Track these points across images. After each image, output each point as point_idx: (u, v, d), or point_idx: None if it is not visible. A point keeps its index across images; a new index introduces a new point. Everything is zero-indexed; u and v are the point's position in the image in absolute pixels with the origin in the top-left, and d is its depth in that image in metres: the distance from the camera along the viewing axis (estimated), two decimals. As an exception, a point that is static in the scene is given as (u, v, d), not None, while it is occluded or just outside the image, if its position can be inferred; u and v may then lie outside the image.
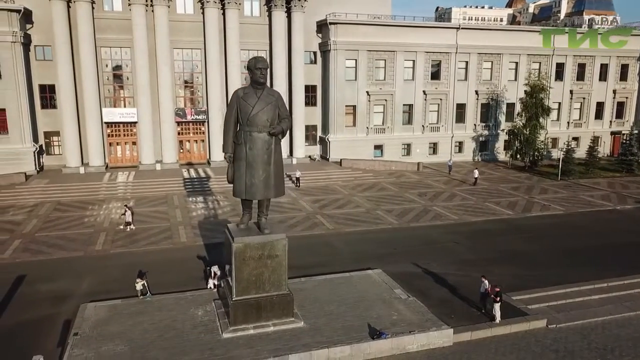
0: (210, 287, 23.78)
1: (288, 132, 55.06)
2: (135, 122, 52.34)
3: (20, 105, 47.52)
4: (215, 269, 24.04)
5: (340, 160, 55.20)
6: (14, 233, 33.18)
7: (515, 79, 62.23)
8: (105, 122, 52.00)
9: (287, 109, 20.56)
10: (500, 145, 62.90)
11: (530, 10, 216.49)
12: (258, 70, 18.91)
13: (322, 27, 56.21)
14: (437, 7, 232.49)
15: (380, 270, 26.49)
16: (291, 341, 19.44)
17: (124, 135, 53.77)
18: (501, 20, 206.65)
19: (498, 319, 21.62)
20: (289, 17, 54.76)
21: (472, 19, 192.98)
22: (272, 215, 36.82)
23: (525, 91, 57.57)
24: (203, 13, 52.07)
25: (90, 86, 49.45)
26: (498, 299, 21.52)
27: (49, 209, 38.81)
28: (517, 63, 62.28)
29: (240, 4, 52.81)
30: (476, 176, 48.90)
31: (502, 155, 62.33)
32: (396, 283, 24.94)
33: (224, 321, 20.45)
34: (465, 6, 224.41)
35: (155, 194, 43.48)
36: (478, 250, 30.61)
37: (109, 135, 53.16)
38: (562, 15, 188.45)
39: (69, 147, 50.09)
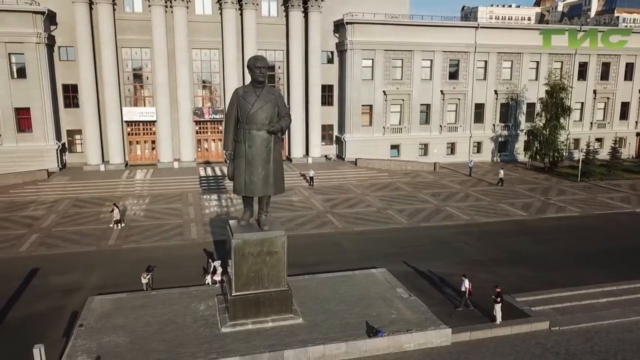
0: (208, 283, 24.12)
1: (305, 131, 56.06)
2: (155, 121, 53.36)
3: (44, 104, 48.95)
4: (217, 264, 24.44)
5: (356, 159, 55.23)
6: (32, 227, 34.30)
7: (536, 79, 61.16)
8: (126, 121, 53.17)
9: (287, 107, 20.77)
10: (520, 145, 61.89)
11: (560, 8, 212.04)
12: (257, 69, 19.18)
13: (339, 26, 56.33)
14: (463, 7, 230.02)
15: (385, 270, 26.49)
16: (288, 337, 19.66)
17: (144, 133, 54.89)
18: (529, 19, 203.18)
19: (499, 319, 21.44)
20: (306, 17, 55.05)
21: (498, 18, 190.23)
22: (283, 213, 37.53)
23: (546, 91, 56.54)
24: (221, 13, 52.74)
25: (111, 86, 50.67)
26: (499, 299, 21.33)
27: (67, 205, 39.95)
28: (538, 62, 61.20)
29: (257, 4, 53.35)
30: (501, 176, 48.44)
31: (521, 156, 61.27)
32: (399, 282, 24.93)
33: (224, 316, 20.79)
34: (491, 5, 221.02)
35: (171, 191, 44.29)
36: (486, 251, 30.34)
37: (129, 134, 54.34)
38: (592, 14, 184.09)
39: (90, 145, 51.41)
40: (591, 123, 64.78)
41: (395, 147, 58.64)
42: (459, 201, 42.14)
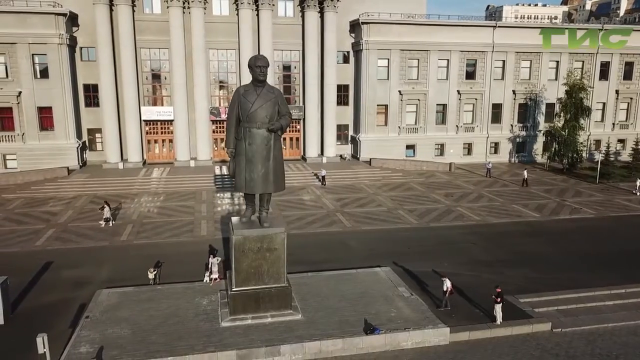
0: (206, 281, 24.33)
1: (320, 130, 56.21)
2: (172, 120, 54.29)
3: (65, 103, 50.29)
4: (214, 261, 24.70)
5: (370, 159, 55.23)
6: (50, 222, 35.36)
7: (556, 79, 60.16)
8: (144, 120, 54.21)
9: (288, 106, 21.01)
10: (538, 146, 60.96)
11: (587, 7, 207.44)
12: (258, 68, 19.52)
13: (355, 26, 56.41)
14: (488, 6, 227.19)
15: (389, 269, 26.57)
16: (285, 332, 19.95)
17: (162, 132, 55.89)
18: (555, 18, 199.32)
19: (499, 320, 21.32)
20: (322, 17, 55.29)
21: (524, 17, 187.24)
22: (293, 211, 37.88)
23: (565, 91, 55.57)
24: (238, 14, 53.36)
25: (130, 85, 51.77)
26: (499, 299, 21.22)
27: (85, 202, 41.02)
28: (558, 62, 60.19)
29: (273, 4, 53.82)
30: (525, 177, 48.01)
31: (540, 157, 60.39)
32: (402, 281, 24.99)
33: (225, 311, 21.18)
34: (517, 4, 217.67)
35: (185, 189, 45.05)
36: (494, 252, 30.10)
37: (147, 133, 55.40)
38: (621, 12, 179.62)
39: (109, 144, 52.61)
40: (613, 124, 63.41)
41: (410, 147, 58.41)
42: (472, 202, 41.81)
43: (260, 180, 19.82)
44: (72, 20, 50.88)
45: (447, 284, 22.39)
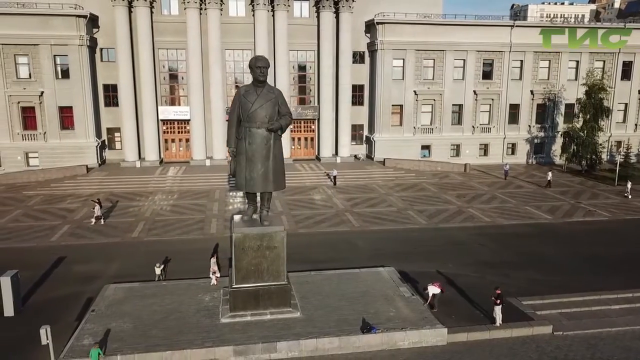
0: (213, 284, 24.53)
1: (334, 131, 56.31)
2: (189, 120, 55.15)
3: (85, 103, 51.61)
4: (212, 261, 24.95)
5: (384, 159, 55.18)
6: (66, 219, 36.39)
7: (576, 79, 59.08)
8: (161, 120, 55.22)
9: (288, 106, 21.27)
10: (557, 147, 59.82)
11: (616, 5, 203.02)
12: (258, 69, 19.82)
13: (370, 26, 56.41)
14: (513, 5, 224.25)
15: (392, 269, 26.58)
16: (283, 330, 20.20)
17: (178, 132, 56.82)
18: (583, 17, 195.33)
19: (498, 321, 21.20)
20: (337, 17, 55.46)
21: (549, 16, 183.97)
22: (302, 211, 38.17)
23: (585, 91, 54.57)
24: (253, 15, 53.92)
25: (148, 86, 52.81)
26: (498, 301, 21.10)
27: (101, 199, 41.86)
28: (577, 62, 59.14)
29: (289, 5, 54.22)
30: (550, 178, 47.59)
31: (558, 159, 59.35)
32: (404, 281, 24.99)
33: (225, 307, 21.52)
34: (543, 3, 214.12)
35: (199, 188, 45.75)
36: (501, 253, 29.86)
37: (164, 132, 56.39)
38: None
39: (127, 143, 53.76)
40: (636, 125, 62.02)
41: (426, 147, 58.14)
42: (484, 203, 41.47)
43: (260, 179, 20.11)
44: (92, 22, 52.13)
45: (432, 291, 22.21)
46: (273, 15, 54.30)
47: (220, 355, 18.93)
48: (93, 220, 35.31)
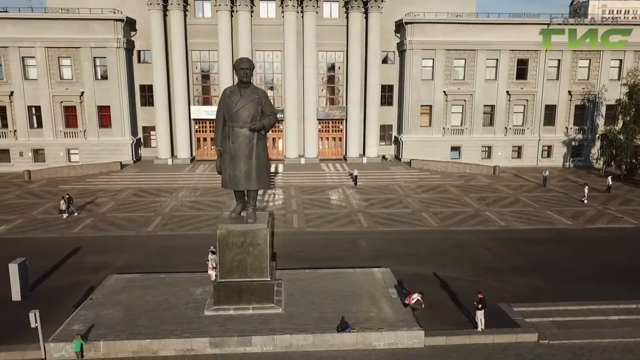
0: (214, 280, 25.19)
1: (362, 131, 56.29)
2: (219, 119, 56.58)
3: (122, 103, 54.20)
4: (212, 257, 25.66)
5: (410, 160, 54.64)
6: (91, 212, 38.50)
7: (618, 78, 56.22)
8: (193, 119, 57.11)
9: (273, 106, 21.73)
10: (596, 151, 57.18)
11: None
12: (242, 70, 20.45)
13: (400, 26, 55.97)
14: (572, 1, 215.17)
15: (388, 270, 26.51)
16: (262, 324, 20.70)
17: (210, 131, 58.41)
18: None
19: (480, 327, 20.81)
20: (366, 17, 55.42)
21: (612, 13, 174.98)
22: (315, 210, 38.65)
23: (626, 92, 51.88)
24: (283, 16, 54.79)
25: (181, 86, 54.82)
26: (480, 305, 20.70)
27: (128, 194, 44.11)
28: (621, 60, 56.27)
29: (318, 7, 54.72)
30: (609, 184, 45.83)
31: (597, 162, 56.70)
32: (395, 283, 24.91)
33: (211, 301, 22.29)
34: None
35: (223, 186, 46.94)
36: (506, 258, 29.10)
37: (196, 131, 58.28)
38: None
39: (160, 141, 56.01)
40: (682, 127, 58.19)
41: (455, 148, 57.10)
42: (504, 206, 40.36)
43: (243, 177, 20.70)
44: (130, 25, 54.66)
45: (414, 297, 21.99)
46: (302, 17, 54.94)
47: (196, 346, 19.69)
48: (60, 213, 37.12)
